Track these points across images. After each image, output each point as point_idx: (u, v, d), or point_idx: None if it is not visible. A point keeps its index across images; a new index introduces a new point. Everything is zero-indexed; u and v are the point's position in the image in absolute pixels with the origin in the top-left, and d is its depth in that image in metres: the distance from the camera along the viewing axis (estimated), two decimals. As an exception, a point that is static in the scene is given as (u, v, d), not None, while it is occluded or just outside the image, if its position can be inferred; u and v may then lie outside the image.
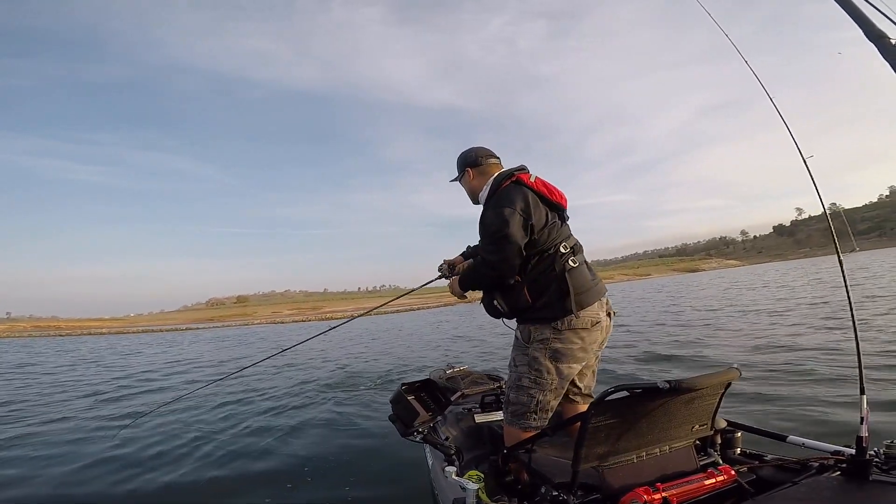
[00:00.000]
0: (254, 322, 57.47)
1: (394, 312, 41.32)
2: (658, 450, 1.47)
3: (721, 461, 1.60)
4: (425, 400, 2.51)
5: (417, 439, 2.26)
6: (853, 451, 1.33)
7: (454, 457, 2.00)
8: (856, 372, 1.38)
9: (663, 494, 1.29)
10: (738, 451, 1.68)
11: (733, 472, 1.42)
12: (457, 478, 1.72)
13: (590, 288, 1.74)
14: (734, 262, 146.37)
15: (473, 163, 1.99)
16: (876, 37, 1.14)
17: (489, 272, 1.71)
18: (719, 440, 1.67)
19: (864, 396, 1.34)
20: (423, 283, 2.48)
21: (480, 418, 2.43)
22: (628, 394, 1.33)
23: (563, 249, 1.75)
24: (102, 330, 56.33)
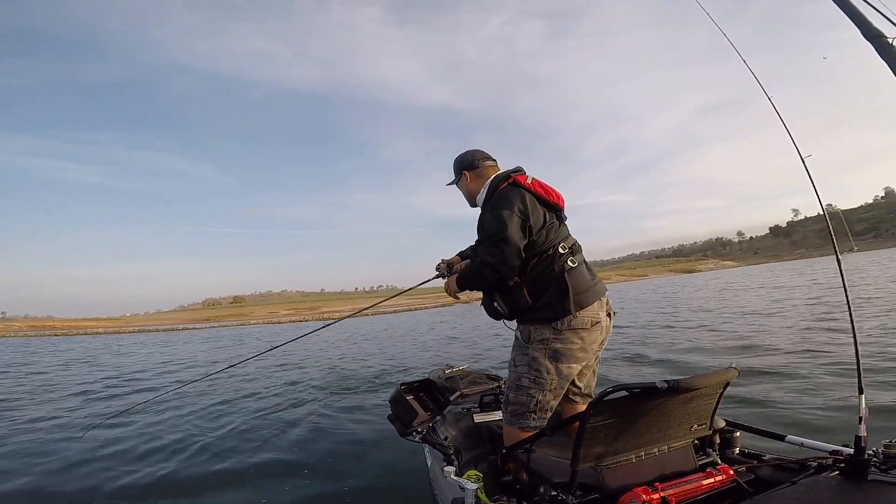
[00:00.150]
0: (250, 322, 57.23)
1: (391, 313, 41.28)
2: (657, 449, 1.48)
3: (720, 461, 1.60)
4: (424, 400, 2.51)
5: (416, 439, 2.26)
6: (852, 451, 1.34)
7: (453, 457, 1.99)
8: (854, 372, 1.39)
9: (662, 494, 1.29)
10: (737, 450, 1.69)
11: (732, 472, 1.42)
12: (456, 477, 1.73)
13: (589, 288, 1.74)
14: (730, 263, 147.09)
15: (470, 166, 1.99)
16: (873, 36, 1.15)
17: (490, 274, 1.71)
18: (718, 440, 1.67)
19: (863, 396, 1.35)
20: (420, 283, 2.48)
21: (479, 418, 2.43)
22: (627, 394, 1.33)
23: (561, 250, 1.75)
24: (98, 330, 55.95)
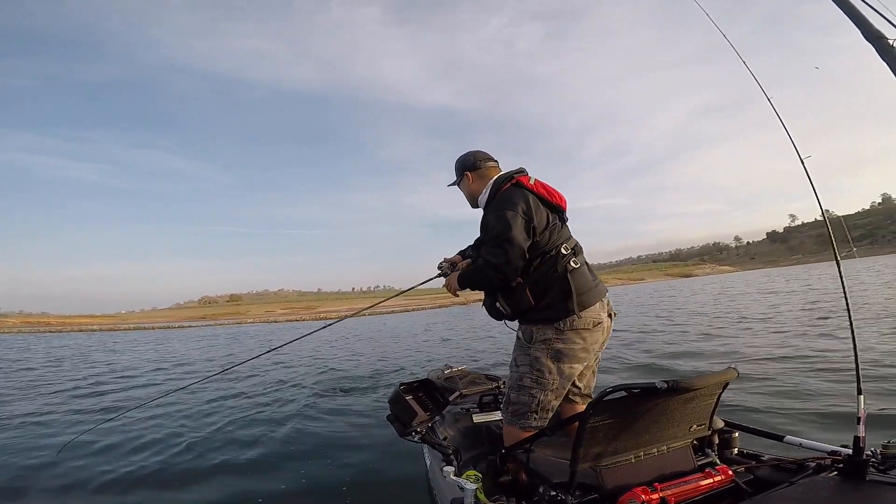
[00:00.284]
0: (246, 321, 57.03)
1: (388, 313, 41.23)
2: (656, 450, 1.48)
3: (718, 461, 1.61)
4: (423, 400, 2.51)
5: (415, 439, 2.26)
6: (850, 452, 1.35)
7: (452, 457, 1.99)
8: (853, 372, 1.40)
9: (661, 494, 1.30)
10: (736, 451, 1.70)
11: (731, 472, 1.43)
12: (455, 478, 1.73)
13: (591, 288, 1.75)
14: (727, 267, 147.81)
15: (472, 166, 1.99)
16: (874, 37, 1.16)
17: (493, 274, 1.71)
18: (717, 440, 1.68)
19: (862, 397, 1.36)
20: (421, 282, 2.47)
21: (479, 418, 2.44)
22: (626, 394, 1.34)
23: (564, 251, 1.76)
24: (93, 327, 55.57)
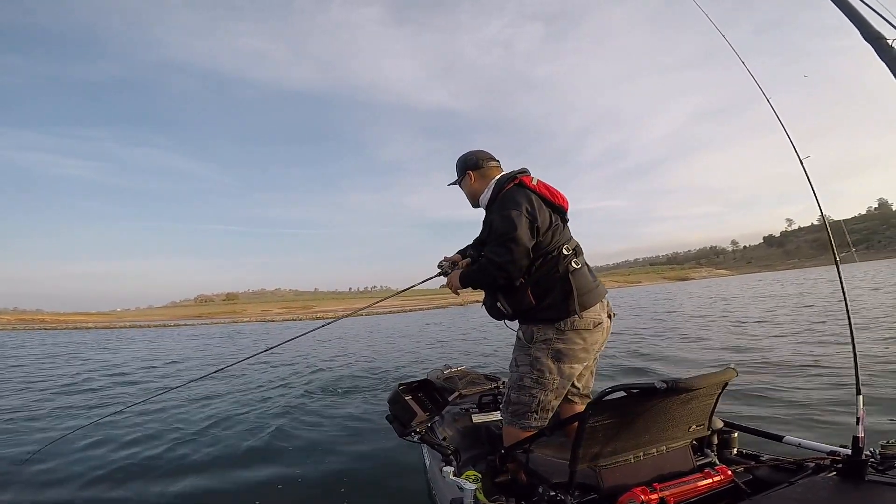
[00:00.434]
0: (242, 320, 56.78)
1: (386, 314, 41.11)
2: (655, 450, 1.49)
3: (718, 461, 1.62)
4: (423, 400, 2.51)
5: (415, 439, 2.26)
6: (849, 452, 1.36)
7: (452, 457, 2.00)
8: (852, 373, 1.41)
9: (660, 494, 1.30)
10: (735, 451, 1.70)
11: (730, 473, 1.44)
12: (454, 478, 1.73)
13: (592, 289, 1.75)
14: (724, 271, 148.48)
15: (474, 165, 1.99)
16: (873, 38, 1.17)
17: (497, 273, 1.71)
18: (716, 440, 1.69)
19: (861, 397, 1.37)
20: (420, 281, 2.46)
21: (478, 418, 2.44)
22: (626, 394, 1.34)
23: (565, 251, 1.76)
24: (88, 324, 55.16)
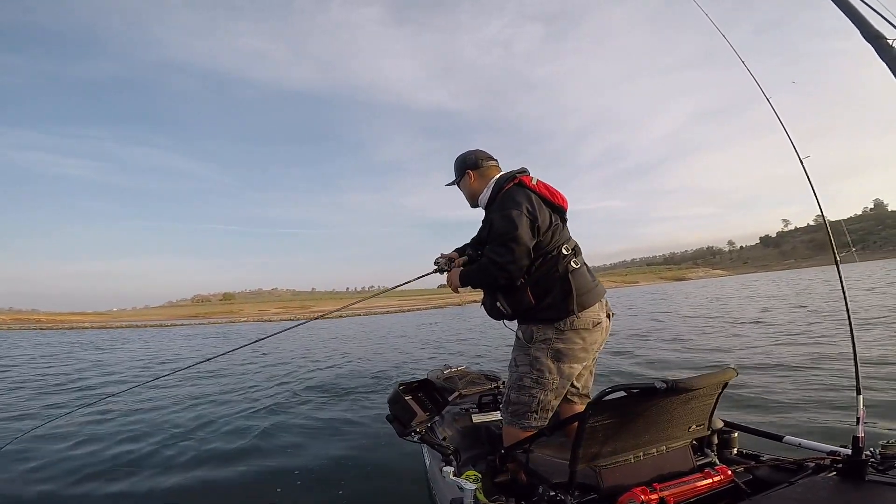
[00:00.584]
0: (239, 319, 56.53)
1: (384, 314, 41.11)
2: (655, 450, 1.49)
3: (718, 461, 1.62)
4: (423, 400, 2.51)
5: (415, 439, 2.25)
6: (849, 452, 1.36)
7: (452, 457, 1.99)
8: (850, 373, 1.41)
9: (660, 494, 1.30)
10: (735, 451, 1.70)
11: (730, 472, 1.44)
12: (454, 478, 1.73)
13: (591, 289, 1.75)
14: (720, 271, 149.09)
15: (474, 165, 1.99)
16: (873, 37, 1.17)
17: (498, 273, 1.71)
18: (716, 440, 1.68)
19: (861, 397, 1.37)
20: (416, 277, 2.42)
21: (478, 418, 2.44)
22: (626, 394, 1.34)
23: (565, 251, 1.76)
24: (84, 324, 54.75)
